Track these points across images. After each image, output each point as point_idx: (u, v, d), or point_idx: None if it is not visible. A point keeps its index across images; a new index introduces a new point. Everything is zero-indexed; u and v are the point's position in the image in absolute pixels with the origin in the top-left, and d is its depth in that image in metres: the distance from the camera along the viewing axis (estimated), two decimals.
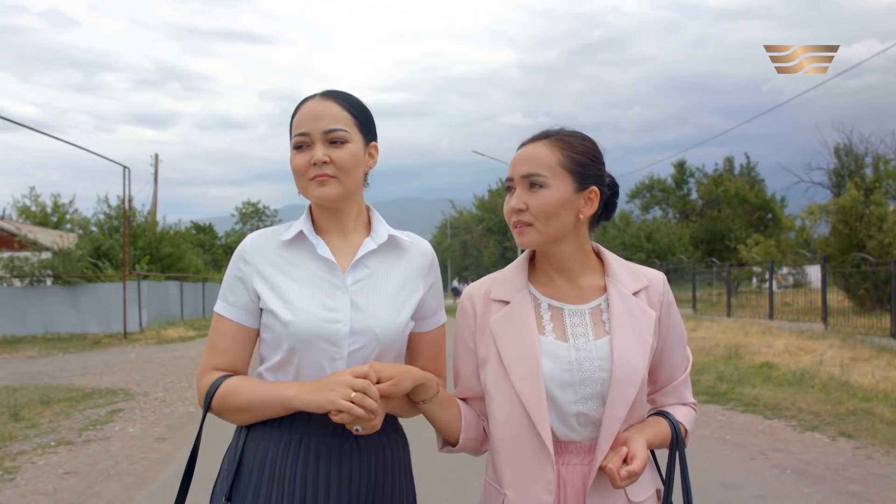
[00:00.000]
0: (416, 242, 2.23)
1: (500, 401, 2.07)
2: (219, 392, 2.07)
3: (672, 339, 2.16)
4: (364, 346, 2.05)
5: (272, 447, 2.06)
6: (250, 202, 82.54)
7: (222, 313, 2.16)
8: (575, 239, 2.12)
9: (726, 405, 10.23)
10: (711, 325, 22.58)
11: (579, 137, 2.12)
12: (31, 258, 28.87)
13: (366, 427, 1.95)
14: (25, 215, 52.53)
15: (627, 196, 57.75)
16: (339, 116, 2.10)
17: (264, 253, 2.15)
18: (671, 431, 2.13)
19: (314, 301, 2.07)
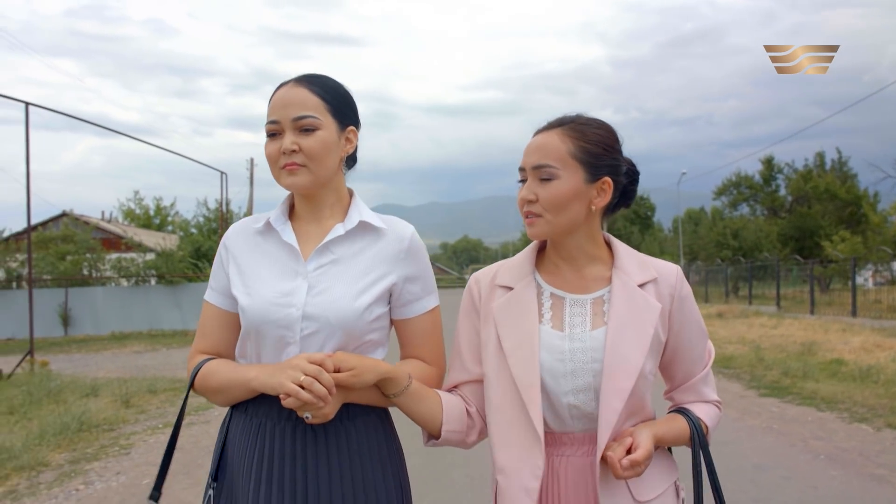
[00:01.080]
0: (394, 227, 2.19)
1: (497, 386, 2.07)
2: (199, 374, 2.12)
3: (687, 334, 2.11)
4: (318, 331, 2.04)
5: (241, 430, 2.11)
6: None
7: (207, 298, 2.23)
8: (586, 230, 2.10)
9: (784, 398, 10.61)
10: (793, 322, 22.62)
11: (594, 125, 2.08)
12: (136, 259, 30.64)
13: (316, 415, 1.94)
14: (130, 218, 55.10)
15: (714, 193, 57.19)
16: (308, 102, 2.09)
17: (241, 240, 2.20)
18: (691, 429, 2.09)
19: (272, 286, 2.09)
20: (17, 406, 10.79)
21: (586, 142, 2.03)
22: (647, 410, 2.09)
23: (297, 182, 2.09)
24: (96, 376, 14.60)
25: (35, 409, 10.56)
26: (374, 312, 2.10)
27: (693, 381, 2.17)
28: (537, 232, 2.07)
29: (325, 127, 2.10)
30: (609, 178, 2.05)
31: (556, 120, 2.10)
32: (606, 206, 2.10)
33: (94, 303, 29.42)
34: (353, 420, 2.09)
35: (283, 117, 2.08)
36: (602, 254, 2.14)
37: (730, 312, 27.37)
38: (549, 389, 2.02)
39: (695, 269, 46.52)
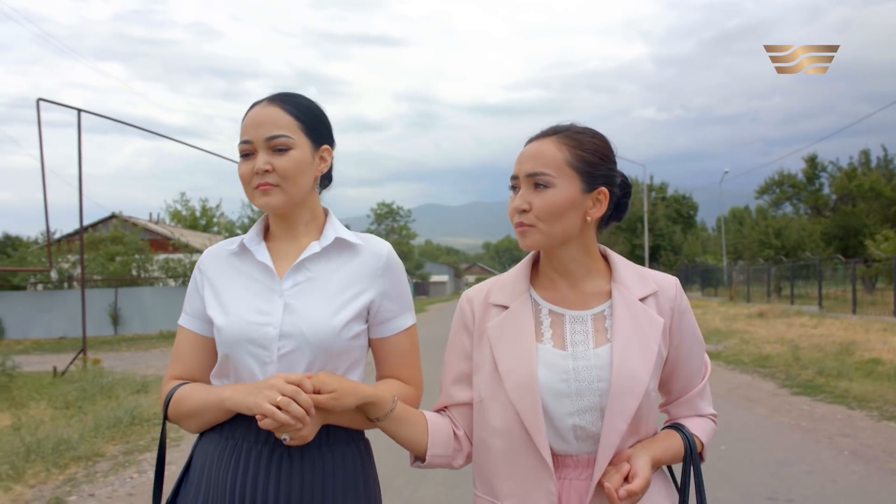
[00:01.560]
0: (370, 245, 2.17)
1: (494, 410, 2.01)
2: (172, 400, 2.08)
3: (686, 348, 2.06)
4: (295, 350, 2.02)
5: (211, 452, 2.06)
6: (385, 203, 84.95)
7: (181, 323, 2.20)
8: (581, 241, 2.03)
9: (816, 397, 10.75)
10: (834, 322, 22.59)
11: (589, 134, 2.03)
12: (183, 260, 31.34)
13: (293, 437, 1.90)
14: (177, 219, 56.12)
15: (756, 192, 56.76)
16: (281, 122, 2.07)
17: (215, 262, 2.17)
18: (685, 445, 2.04)
19: (248, 305, 2.07)
20: (72, 401, 11.30)
21: (583, 150, 1.98)
22: (649, 428, 2.03)
23: (270, 202, 2.06)
24: (145, 373, 15.13)
25: (89, 404, 11.06)
26: (352, 330, 2.07)
27: (690, 395, 2.12)
28: (530, 242, 2.01)
29: (299, 146, 2.08)
30: (605, 189, 1.99)
31: (549, 128, 2.05)
32: (601, 217, 2.03)
33: (143, 302, 30.18)
34: (331, 448, 2.05)
35: (255, 137, 2.06)
36: (599, 266, 2.08)
37: (771, 312, 27.34)
38: (550, 411, 1.95)
39: (738, 269, 46.25)
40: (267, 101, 2.11)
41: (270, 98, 2.13)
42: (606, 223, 2.10)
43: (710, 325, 23.70)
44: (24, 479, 6.71)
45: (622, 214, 2.12)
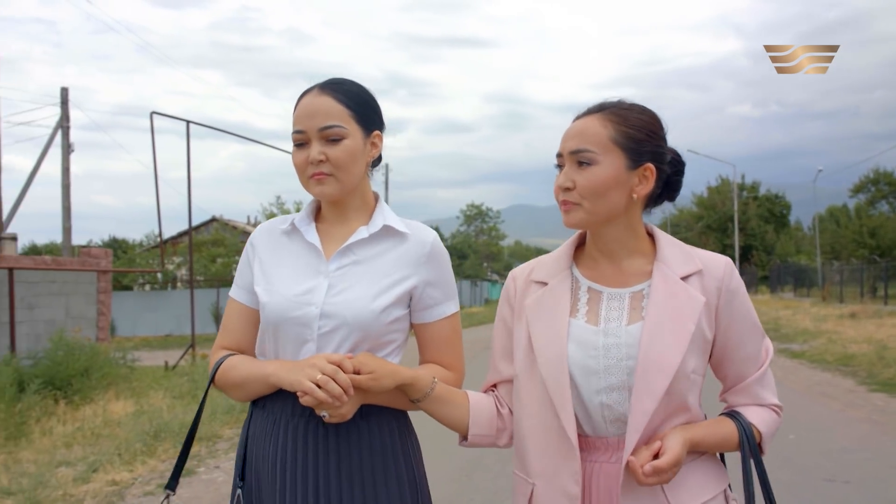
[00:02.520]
0: (416, 232, 2.18)
1: (528, 386, 2.01)
2: (220, 369, 2.14)
3: (737, 331, 1.97)
4: (335, 330, 2.05)
5: (257, 429, 2.12)
6: (474, 204, 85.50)
7: (231, 294, 2.25)
8: (626, 220, 1.99)
9: (894, 394, 10.98)
10: None
11: (637, 110, 1.98)
12: None
13: (333, 414, 1.95)
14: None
15: (850, 191, 55.55)
16: (333, 111, 2.09)
17: (267, 239, 2.22)
18: (739, 434, 1.95)
19: (293, 284, 2.11)
20: (184, 392, 12.26)
21: (628, 126, 1.93)
22: (690, 413, 1.94)
23: (325, 191, 2.10)
24: None
25: (200, 393, 11.98)
26: (392, 314, 2.10)
27: (747, 383, 2.01)
28: (574, 220, 1.98)
29: (351, 135, 2.10)
30: (651, 165, 1.94)
31: (596, 105, 2.01)
32: (649, 196, 2.00)
33: None
34: (367, 418, 2.07)
35: (308, 127, 2.08)
36: (644, 246, 2.03)
37: (863, 313, 27.02)
38: (579, 388, 1.92)
39: (832, 269, 45.47)
40: (318, 90, 2.13)
41: (321, 86, 2.14)
42: (657, 202, 2.06)
43: (798, 325, 23.68)
44: (156, 454, 7.61)
45: (674, 194, 2.07)
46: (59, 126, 21.29)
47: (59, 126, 21.27)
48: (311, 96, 2.12)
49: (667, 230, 48.35)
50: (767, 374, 2.04)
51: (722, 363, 2.02)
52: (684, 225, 72.71)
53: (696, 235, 68.54)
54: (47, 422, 9.44)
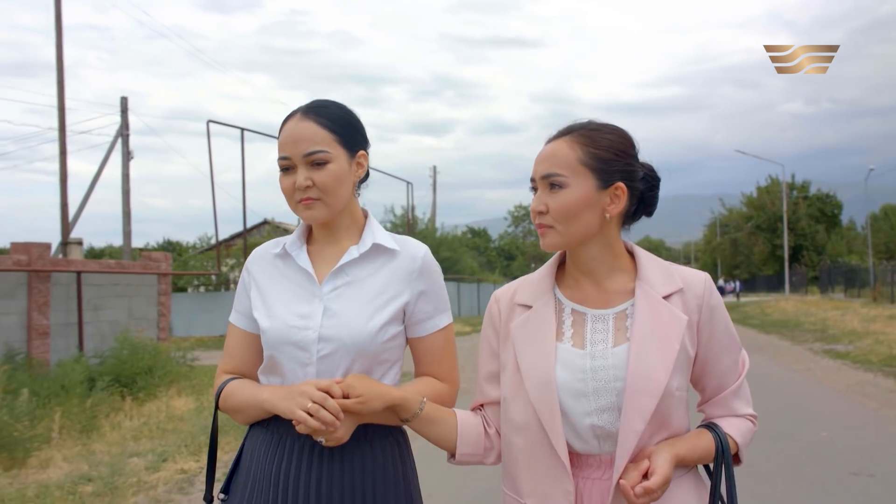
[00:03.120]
0: (406, 248, 2.21)
1: (516, 408, 2.02)
2: (222, 395, 2.19)
3: (716, 346, 2.01)
4: (334, 352, 2.09)
5: (258, 445, 2.15)
6: (522, 206, 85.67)
7: (231, 320, 2.29)
8: (603, 239, 2.01)
9: None
10: None
11: (605, 130, 2.00)
12: None
13: (329, 438, 1.99)
14: None
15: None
16: (317, 137, 2.11)
17: (262, 264, 2.25)
18: (716, 445, 1.99)
19: (289, 309, 2.14)
20: None
21: (596, 147, 1.96)
22: (675, 426, 1.97)
23: (314, 215, 2.13)
24: None
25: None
26: (388, 332, 2.14)
27: (724, 395, 2.06)
28: (549, 243, 2.01)
29: (336, 159, 2.13)
30: (622, 184, 1.97)
31: (565, 128, 2.04)
32: (624, 213, 2.03)
33: None
34: (370, 441, 2.12)
35: (293, 153, 2.11)
36: (624, 264, 2.06)
37: None
38: (568, 411, 1.94)
39: (884, 269, 44.91)
40: (301, 115, 2.15)
41: (304, 112, 2.16)
42: (633, 218, 2.09)
43: (846, 326, 23.61)
44: (220, 446, 8.14)
45: (651, 209, 2.10)
46: (119, 134, 22.10)
47: (119, 134, 22.09)
48: (294, 121, 2.15)
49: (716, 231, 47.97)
50: (743, 385, 2.08)
51: (702, 376, 2.05)
52: (733, 225, 72.20)
53: (745, 236, 68.04)
54: (115, 416, 10.01)
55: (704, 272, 2.05)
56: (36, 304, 12.28)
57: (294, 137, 2.12)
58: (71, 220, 19.87)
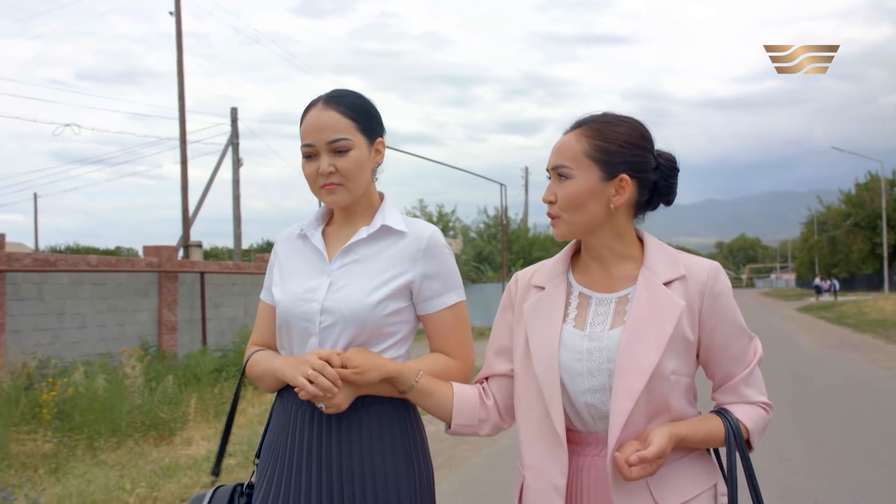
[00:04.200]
0: (414, 229, 2.29)
1: (525, 384, 2.09)
2: (248, 364, 2.36)
3: (721, 333, 2.03)
4: (335, 324, 2.19)
5: (281, 414, 2.29)
6: None
7: (261, 297, 2.45)
8: (611, 228, 2.07)
9: None
10: None
11: (614, 123, 2.05)
12: None
13: (328, 405, 2.10)
14: None
15: None
16: (339, 125, 2.21)
17: (285, 244, 2.41)
18: (726, 429, 2.01)
19: (300, 283, 2.28)
20: None
21: (602, 140, 2.01)
22: (675, 411, 2.00)
23: (336, 200, 2.26)
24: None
25: None
26: (388, 307, 2.22)
27: (733, 382, 2.07)
28: (558, 232, 2.09)
29: (357, 146, 2.23)
30: (626, 176, 2.01)
31: (578, 120, 2.10)
32: (635, 203, 2.08)
33: None
34: (368, 407, 2.21)
35: (317, 140, 2.22)
36: (633, 252, 2.10)
37: None
38: (567, 388, 2.01)
39: None
40: (323, 105, 2.25)
41: (325, 100, 2.26)
42: (646, 208, 2.13)
43: None
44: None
45: (668, 198, 2.13)
46: (229, 143, 23.49)
47: (230, 143, 23.47)
48: (316, 110, 2.25)
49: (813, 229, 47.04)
50: (754, 373, 2.08)
51: (709, 363, 2.08)
52: (832, 223, 70.62)
53: (843, 234, 66.50)
54: (240, 404, 10.96)
55: (714, 261, 2.08)
56: (165, 301, 13.53)
57: (317, 126, 2.23)
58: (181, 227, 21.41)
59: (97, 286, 12.16)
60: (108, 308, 12.32)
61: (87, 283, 11.98)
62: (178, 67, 20.84)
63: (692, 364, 2.05)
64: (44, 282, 11.16)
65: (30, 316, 10.86)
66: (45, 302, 11.17)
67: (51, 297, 11.27)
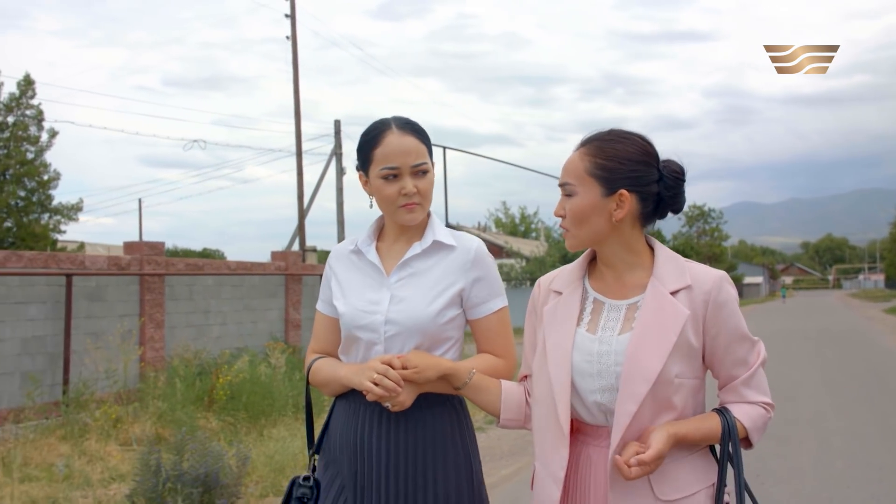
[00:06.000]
0: (462, 242, 2.42)
1: (539, 382, 2.21)
2: (311, 371, 2.51)
3: (724, 339, 2.12)
4: (398, 333, 2.34)
5: (341, 415, 2.44)
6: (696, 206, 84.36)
7: (317, 308, 2.59)
8: (618, 239, 2.15)
9: None
10: None
11: (616, 140, 2.14)
12: (515, 265, 35.49)
13: (394, 404, 2.25)
14: (499, 226, 60.97)
15: None
16: (420, 151, 2.38)
17: (340, 259, 2.53)
18: (723, 426, 2.10)
19: (362, 297, 2.41)
20: None
21: (602, 158, 2.10)
22: (680, 410, 2.09)
23: (415, 217, 2.40)
24: None
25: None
26: (446, 315, 2.38)
27: (735, 383, 2.16)
28: (568, 244, 2.21)
29: (430, 169, 2.41)
30: (625, 191, 2.09)
31: (583, 139, 2.19)
32: (640, 214, 2.15)
33: None
34: (431, 408, 2.36)
35: (402, 164, 2.35)
36: (643, 260, 2.18)
37: None
38: (578, 388, 2.11)
39: None
40: (399, 131, 2.40)
41: (401, 127, 2.42)
42: (653, 217, 2.21)
43: None
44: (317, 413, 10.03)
45: (675, 207, 2.19)
46: (333, 153, 25.09)
47: (334, 153, 25.08)
48: (395, 136, 2.39)
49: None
50: (757, 374, 2.17)
51: (714, 366, 2.17)
52: None
53: None
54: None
55: (721, 271, 2.16)
56: (291, 301, 15.12)
57: (402, 150, 2.38)
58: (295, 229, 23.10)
59: (235, 287, 13.71)
60: (244, 307, 13.85)
61: (228, 285, 13.52)
62: (294, 86, 22.63)
63: (698, 367, 2.15)
64: (193, 284, 12.70)
65: (182, 314, 12.41)
66: (195, 301, 12.71)
67: (199, 297, 12.81)
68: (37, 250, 20.84)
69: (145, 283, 11.54)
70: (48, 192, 29.13)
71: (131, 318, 11.24)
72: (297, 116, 22.75)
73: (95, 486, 6.77)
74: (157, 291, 11.77)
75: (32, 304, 9.73)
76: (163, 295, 11.88)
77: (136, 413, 9.07)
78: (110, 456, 7.79)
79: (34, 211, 28.71)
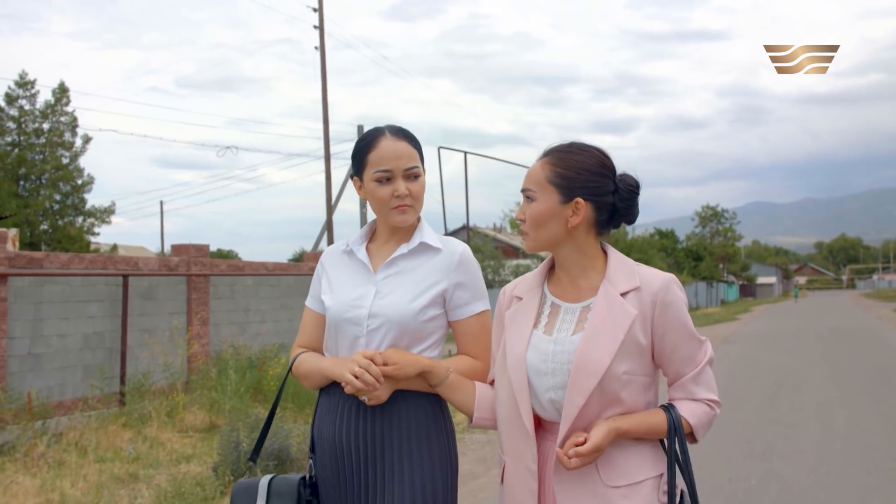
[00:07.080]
0: (448, 246, 2.51)
1: (501, 383, 2.30)
2: (294, 364, 2.58)
3: (671, 338, 2.19)
4: (380, 327, 2.41)
5: (323, 409, 2.52)
6: (709, 206, 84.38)
7: (306, 304, 2.68)
8: (573, 244, 2.24)
9: None
10: None
11: (575, 152, 2.24)
12: (531, 266, 36.02)
13: (371, 397, 2.33)
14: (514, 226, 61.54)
15: None
16: (413, 155, 2.47)
17: (332, 258, 2.63)
18: (668, 423, 2.17)
19: (348, 292, 2.50)
20: None
21: (562, 167, 2.20)
22: (628, 405, 2.17)
23: (407, 219, 2.48)
24: None
25: None
26: (427, 313, 2.46)
27: (682, 381, 2.24)
28: (526, 246, 2.30)
29: (422, 173, 2.51)
30: (581, 200, 2.18)
31: (546, 149, 2.29)
32: (595, 222, 2.25)
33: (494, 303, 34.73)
34: (407, 401, 2.43)
35: (395, 167, 2.44)
36: (597, 264, 2.27)
37: None
38: (534, 386, 2.20)
39: None
40: (392, 136, 2.48)
41: (394, 133, 2.50)
42: (607, 226, 2.30)
43: None
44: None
45: (628, 217, 2.29)
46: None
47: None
48: (389, 141, 2.47)
49: None
50: (703, 373, 2.24)
51: (662, 364, 2.24)
52: None
53: None
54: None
55: (669, 274, 2.24)
56: None
57: (395, 154, 2.46)
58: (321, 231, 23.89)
59: (273, 287, 14.44)
60: (280, 306, 14.56)
61: (265, 285, 14.24)
62: (322, 94, 23.49)
63: (648, 365, 2.22)
64: (234, 284, 13.45)
65: (225, 312, 13.14)
66: (236, 300, 13.45)
67: (240, 297, 13.56)
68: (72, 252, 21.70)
69: (192, 283, 12.28)
70: (82, 195, 30.01)
71: (179, 315, 12.00)
72: (326, 122, 23.57)
73: (166, 465, 7.53)
74: (203, 291, 12.51)
75: (93, 303, 10.49)
76: (207, 294, 12.63)
77: (190, 403, 9.83)
78: (170, 441, 8.57)
79: (69, 214, 29.59)
